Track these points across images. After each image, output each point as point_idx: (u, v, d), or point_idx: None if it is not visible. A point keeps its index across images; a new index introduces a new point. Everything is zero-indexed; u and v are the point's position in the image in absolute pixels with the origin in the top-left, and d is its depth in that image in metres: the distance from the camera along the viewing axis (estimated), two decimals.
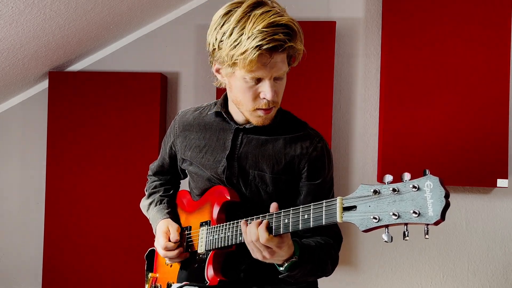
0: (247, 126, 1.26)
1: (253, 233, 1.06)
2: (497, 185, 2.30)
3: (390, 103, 2.40)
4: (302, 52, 1.16)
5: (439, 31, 2.37)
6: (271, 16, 1.07)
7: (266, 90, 1.14)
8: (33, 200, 2.73)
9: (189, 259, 1.34)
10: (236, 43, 1.08)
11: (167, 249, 1.32)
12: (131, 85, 2.53)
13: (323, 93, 2.43)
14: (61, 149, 2.57)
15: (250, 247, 1.09)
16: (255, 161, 1.26)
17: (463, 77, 2.35)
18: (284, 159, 1.25)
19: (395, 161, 2.36)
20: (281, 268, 1.11)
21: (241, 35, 1.07)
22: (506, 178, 2.30)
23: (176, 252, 1.32)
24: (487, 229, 2.46)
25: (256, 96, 1.16)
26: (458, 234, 2.47)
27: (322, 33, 2.43)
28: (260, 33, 1.05)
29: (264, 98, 1.15)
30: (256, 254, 1.08)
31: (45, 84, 2.71)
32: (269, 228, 1.06)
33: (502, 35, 2.34)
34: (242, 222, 1.12)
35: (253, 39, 1.05)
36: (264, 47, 1.05)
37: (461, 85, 2.35)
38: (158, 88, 2.53)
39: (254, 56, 1.06)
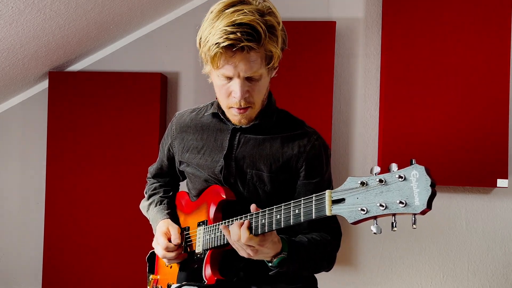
0: (244, 126, 1.27)
1: (235, 233, 1.08)
2: (497, 185, 2.30)
3: (390, 103, 2.40)
4: (276, 54, 1.14)
5: (439, 31, 2.37)
6: (236, 15, 1.08)
7: (235, 89, 1.16)
8: (33, 200, 2.73)
9: (187, 259, 1.34)
10: (206, 40, 1.12)
11: (167, 249, 1.32)
12: (131, 85, 2.53)
13: (323, 93, 2.43)
14: (61, 149, 2.57)
15: (234, 246, 1.11)
16: (252, 160, 1.26)
17: (463, 77, 2.35)
18: (281, 158, 1.25)
19: (395, 161, 2.34)
20: (270, 264, 1.13)
21: (210, 33, 1.11)
22: (506, 178, 2.30)
23: (175, 253, 1.32)
24: (487, 229, 2.46)
25: (228, 94, 1.19)
26: (458, 234, 2.47)
27: (322, 33, 2.43)
28: (221, 31, 1.08)
29: (234, 97, 1.17)
30: (241, 252, 1.11)
31: (45, 84, 2.71)
32: (250, 228, 1.08)
33: (502, 35, 2.34)
34: (221, 226, 1.14)
35: (215, 37, 1.09)
36: (221, 44, 1.08)
37: (461, 85, 2.35)
38: (158, 88, 2.53)
39: (213, 52, 1.10)
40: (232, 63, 1.12)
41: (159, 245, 1.34)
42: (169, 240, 1.33)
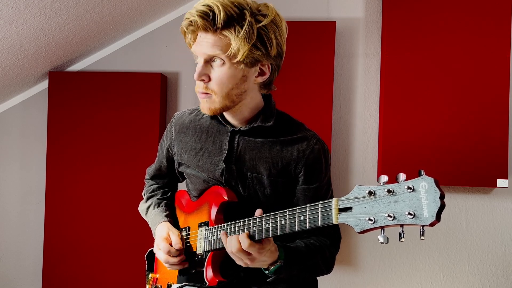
0: (243, 128, 1.26)
1: (233, 245, 1.09)
2: (497, 185, 2.30)
3: (390, 103, 2.40)
4: (234, 44, 1.11)
5: (439, 31, 2.37)
6: None
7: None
8: (33, 200, 2.73)
9: (188, 260, 1.33)
10: None
11: (170, 253, 1.30)
12: (131, 85, 2.53)
13: (323, 93, 2.43)
14: (61, 149, 2.57)
15: (232, 256, 1.12)
16: (252, 163, 1.25)
17: (463, 77, 2.35)
18: (281, 162, 1.24)
19: (395, 161, 2.35)
20: (267, 272, 1.13)
21: None
22: (506, 178, 2.30)
23: (178, 259, 1.31)
24: (487, 229, 2.46)
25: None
26: (458, 234, 2.47)
27: (322, 33, 2.43)
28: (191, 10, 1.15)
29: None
30: (238, 261, 1.11)
31: (45, 84, 2.71)
32: (250, 235, 1.08)
33: (502, 35, 2.34)
34: (222, 233, 1.14)
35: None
36: (184, 21, 1.16)
37: (461, 85, 2.35)
38: (158, 88, 2.53)
39: (181, 28, 1.18)
40: (195, 41, 1.18)
41: (160, 250, 1.32)
42: (170, 245, 1.32)
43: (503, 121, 2.33)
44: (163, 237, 1.33)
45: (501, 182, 2.30)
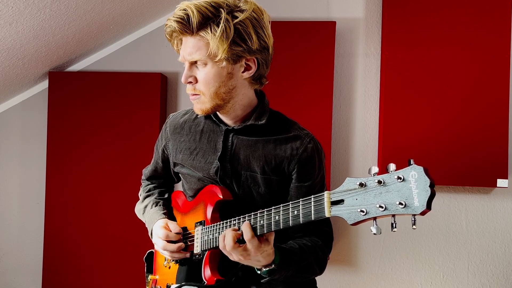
0: (236, 127, 1.27)
1: (228, 239, 1.08)
2: (497, 185, 2.30)
3: (390, 103, 2.40)
4: (212, 44, 1.13)
5: (439, 31, 2.37)
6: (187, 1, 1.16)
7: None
8: (33, 200, 2.74)
9: (186, 260, 1.33)
10: None
11: (168, 238, 1.30)
12: (131, 85, 2.54)
13: (323, 93, 2.43)
14: (61, 149, 2.57)
15: (225, 251, 1.11)
16: (246, 162, 1.26)
17: (463, 77, 2.35)
18: (274, 160, 1.25)
19: (395, 161, 2.34)
20: (259, 272, 1.13)
21: None
22: (506, 178, 2.30)
23: (177, 245, 1.30)
24: (487, 229, 2.46)
25: None
26: (458, 234, 2.47)
27: (322, 33, 2.43)
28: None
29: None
30: (233, 257, 1.10)
31: (45, 84, 2.71)
32: (253, 229, 1.08)
33: (502, 35, 2.34)
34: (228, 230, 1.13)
35: None
36: (165, 30, 1.21)
37: (461, 85, 2.35)
38: (158, 88, 2.53)
39: (165, 36, 1.22)
40: (180, 46, 1.21)
41: (159, 237, 1.32)
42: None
43: (503, 121, 2.33)
44: (162, 226, 1.34)
45: (501, 182, 2.30)
